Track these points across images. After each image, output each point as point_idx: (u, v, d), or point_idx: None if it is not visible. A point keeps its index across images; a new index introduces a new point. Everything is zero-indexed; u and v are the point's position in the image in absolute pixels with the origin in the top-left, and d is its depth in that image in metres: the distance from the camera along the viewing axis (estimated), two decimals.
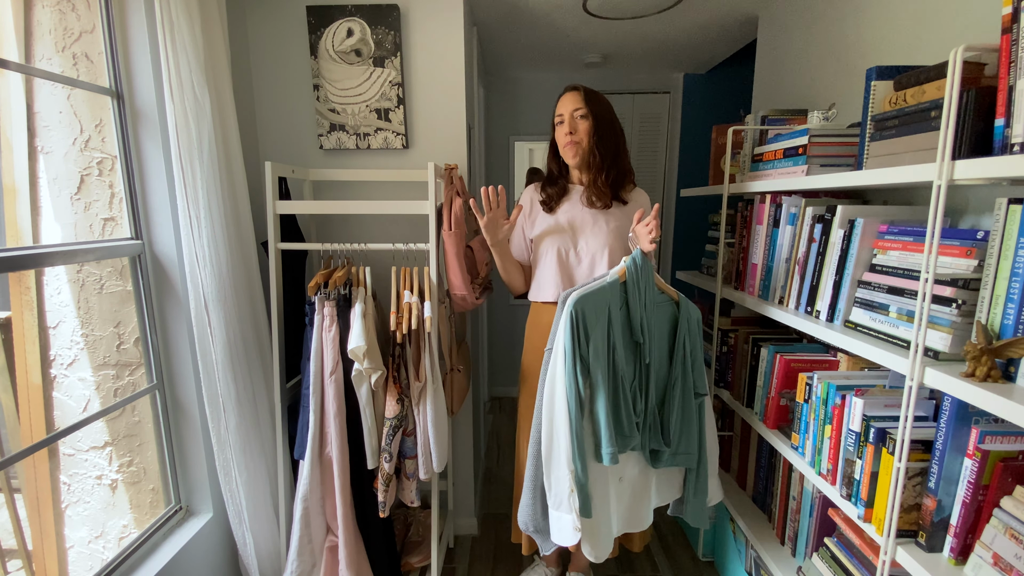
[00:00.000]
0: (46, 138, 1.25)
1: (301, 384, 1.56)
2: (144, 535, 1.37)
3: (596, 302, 1.26)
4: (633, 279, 1.30)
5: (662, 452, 1.35)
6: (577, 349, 1.24)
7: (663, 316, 1.36)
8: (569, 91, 1.48)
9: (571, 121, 1.46)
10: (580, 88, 1.47)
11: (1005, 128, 0.81)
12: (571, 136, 1.46)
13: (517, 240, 1.60)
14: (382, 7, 1.73)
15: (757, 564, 1.62)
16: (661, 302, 1.36)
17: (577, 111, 1.45)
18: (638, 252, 1.31)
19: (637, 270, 1.29)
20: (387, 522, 1.69)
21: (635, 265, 1.29)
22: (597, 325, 1.26)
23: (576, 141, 1.46)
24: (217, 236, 1.38)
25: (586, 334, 1.25)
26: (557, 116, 1.49)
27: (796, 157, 1.37)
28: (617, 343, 1.29)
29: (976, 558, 0.88)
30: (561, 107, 1.48)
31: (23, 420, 1.23)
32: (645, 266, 1.31)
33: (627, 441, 1.31)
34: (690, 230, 3.21)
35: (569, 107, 1.46)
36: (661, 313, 1.36)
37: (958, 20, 1.20)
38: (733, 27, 2.30)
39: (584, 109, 1.45)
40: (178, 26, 1.27)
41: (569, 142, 1.47)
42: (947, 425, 0.94)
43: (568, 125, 1.46)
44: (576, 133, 1.46)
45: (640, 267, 1.30)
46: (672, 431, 1.35)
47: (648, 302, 1.31)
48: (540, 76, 3.17)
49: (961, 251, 0.94)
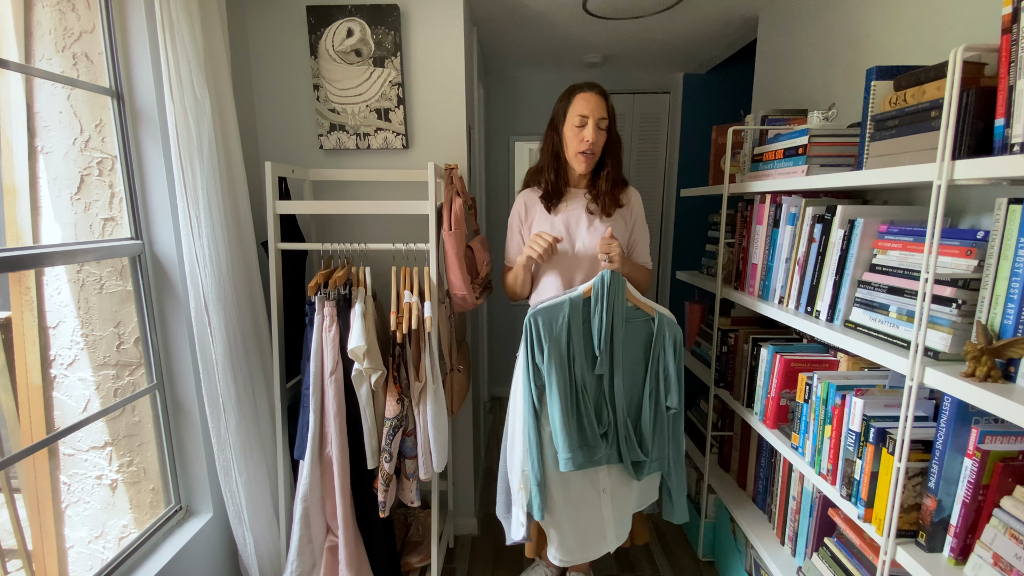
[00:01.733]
0: (46, 138, 1.25)
1: (301, 384, 1.56)
2: (144, 535, 1.37)
3: (552, 315, 1.35)
4: (597, 295, 1.35)
5: (642, 462, 1.40)
6: (531, 357, 1.35)
7: (637, 332, 1.40)
8: (596, 93, 1.41)
9: (595, 130, 1.41)
10: (606, 94, 1.42)
11: (1005, 128, 0.81)
12: (589, 144, 1.41)
13: (517, 244, 1.59)
14: (382, 7, 1.73)
15: (757, 564, 1.62)
16: (636, 319, 1.40)
17: (602, 121, 1.41)
18: (606, 272, 1.35)
19: (603, 287, 1.35)
20: (387, 522, 1.69)
21: (601, 282, 1.35)
22: (553, 336, 1.34)
23: (593, 152, 1.43)
24: (217, 236, 1.38)
25: (539, 344, 1.35)
26: (579, 116, 1.40)
27: (796, 157, 1.37)
28: (577, 355, 1.35)
29: (976, 558, 0.88)
30: (584, 108, 1.40)
31: (23, 420, 1.23)
32: (614, 284, 1.35)
33: (592, 451, 1.36)
34: (690, 230, 3.21)
35: (596, 113, 1.40)
36: (635, 329, 1.40)
37: (958, 20, 1.20)
38: (733, 27, 2.31)
39: (608, 120, 1.42)
40: (178, 26, 1.27)
41: (585, 150, 1.42)
42: (947, 425, 0.94)
43: (592, 132, 1.40)
44: (596, 144, 1.42)
45: (608, 284, 1.35)
46: (647, 441, 1.39)
47: (616, 318, 1.36)
48: (540, 76, 3.17)
49: (961, 251, 0.94)
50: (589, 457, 1.36)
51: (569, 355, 1.35)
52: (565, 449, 1.32)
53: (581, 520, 1.43)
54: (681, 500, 1.49)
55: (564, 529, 1.41)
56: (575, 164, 1.47)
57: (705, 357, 1.91)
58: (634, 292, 1.40)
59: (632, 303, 1.39)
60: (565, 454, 1.32)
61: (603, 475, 1.43)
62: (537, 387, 1.36)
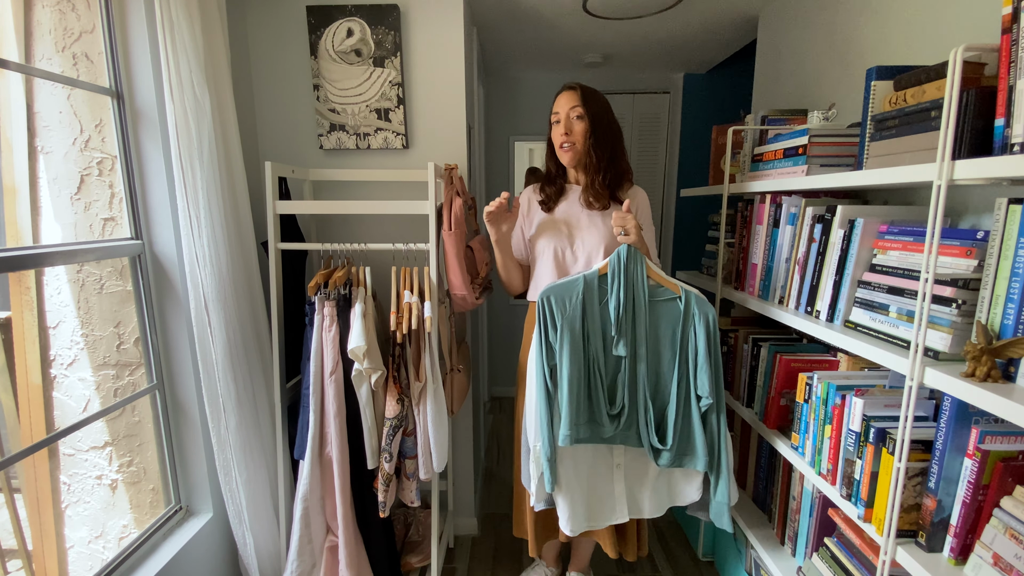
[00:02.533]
0: (46, 138, 1.25)
1: (301, 384, 1.56)
2: (144, 535, 1.38)
3: (566, 293, 1.32)
4: (614, 272, 1.31)
5: (662, 451, 1.35)
6: (544, 336, 1.33)
7: (665, 313, 1.34)
8: (566, 90, 1.46)
9: (567, 122, 1.44)
10: (577, 87, 1.44)
11: (1005, 128, 0.81)
12: (567, 137, 1.44)
13: (516, 239, 1.59)
14: (382, 7, 1.73)
15: (757, 564, 1.62)
16: (660, 297, 1.34)
17: (573, 110, 1.43)
18: (623, 247, 1.32)
19: (620, 264, 1.31)
20: (387, 522, 1.69)
21: (618, 259, 1.31)
22: (566, 315, 1.31)
23: (572, 143, 1.44)
24: (217, 236, 1.38)
25: (552, 322, 1.32)
26: (553, 115, 1.47)
27: (796, 157, 1.37)
28: (592, 334, 1.31)
29: (976, 558, 0.88)
30: (557, 106, 1.46)
31: (23, 420, 1.23)
32: (632, 260, 1.31)
33: (600, 429, 1.34)
34: (690, 230, 3.21)
35: (565, 106, 1.44)
36: (662, 309, 1.34)
37: (958, 20, 1.20)
38: (733, 27, 2.30)
39: (580, 109, 1.42)
40: (178, 26, 1.27)
41: (565, 143, 1.45)
42: (947, 425, 0.94)
43: (564, 125, 1.44)
44: (572, 134, 1.44)
45: (624, 261, 1.31)
46: (669, 431, 1.33)
47: (638, 296, 1.31)
48: (540, 76, 3.17)
49: (961, 251, 0.94)
50: (594, 434, 1.34)
51: (584, 334, 1.31)
52: (566, 426, 1.30)
53: (592, 492, 1.43)
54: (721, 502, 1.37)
55: (575, 500, 1.39)
56: (561, 158, 1.50)
57: None
58: (656, 269, 1.34)
59: (655, 280, 1.33)
60: (565, 431, 1.30)
61: (618, 451, 1.41)
62: (549, 366, 1.33)
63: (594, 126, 1.44)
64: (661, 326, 1.34)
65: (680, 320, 1.32)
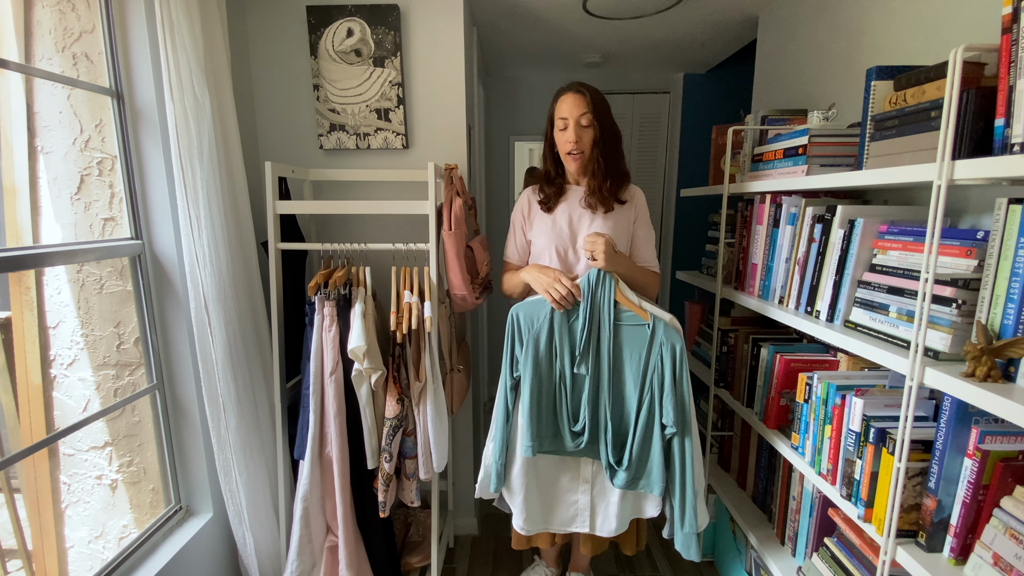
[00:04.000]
0: (46, 138, 1.25)
1: (301, 384, 1.56)
2: (144, 535, 1.38)
3: (534, 310, 1.37)
4: (583, 294, 1.34)
5: (617, 471, 1.36)
6: (510, 349, 1.39)
7: (631, 336, 1.35)
8: (573, 92, 1.40)
9: (576, 129, 1.40)
10: (584, 91, 1.39)
11: (1005, 128, 0.81)
12: (575, 145, 1.41)
13: (519, 242, 1.58)
14: (382, 7, 1.73)
15: (757, 564, 1.62)
16: (629, 323, 1.35)
17: (583, 117, 1.39)
18: (592, 271, 1.34)
19: (589, 287, 1.34)
20: (387, 522, 1.69)
21: (587, 281, 1.34)
22: (532, 331, 1.36)
23: (581, 151, 1.42)
24: (217, 236, 1.38)
25: (519, 337, 1.38)
26: (560, 119, 1.41)
27: (796, 157, 1.37)
28: (561, 351, 1.36)
29: (976, 558, 0.88)
30: (564, 110, 1.40)
31: (23, 420, 1.23)
32: (602, 284, 1.34)
33: (564, 444, 1.39)
34: (690, 230, 3.21)
35: (574, 112, 1.39)
36: (628, 333, 1.35)
37: (958, 20, 1.20)
38: (733, 27, 2.30)
39: (590, 116, 1.39)
40: (178, 26, 1.27)
41: (573, 151, 1.42)
42: (947, 425, 0.94)
43: (573, 133, 1.40)
44: (580, 142, 1.41)
45: (594, 284, 1.34)
46: (626, 453, 1.36)
47: (603, 319, 1.34)
48: (540, 76, 3.17)
49: (961, 251, 0.94)
50: (559, 447, 1.40)
51: (551, 350, 1.36)
52: (527, 437, 1.36)
53: (555, 497, 1.46)
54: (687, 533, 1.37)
55: (531, 503, 1.44)
56: (566, 163, 1.48)
57: (705, 357, 1.91)
58: (627, 294, 1.34)
59: (624, 306, 1.34)
60: (526, 442, 1.36)
61: (586, 463, 1.44)
62: (513, 377, 1.39)
63: (602, 133, 1.42)
64: (625, 350, 1.36)
65: (646, 346, 1.33)
